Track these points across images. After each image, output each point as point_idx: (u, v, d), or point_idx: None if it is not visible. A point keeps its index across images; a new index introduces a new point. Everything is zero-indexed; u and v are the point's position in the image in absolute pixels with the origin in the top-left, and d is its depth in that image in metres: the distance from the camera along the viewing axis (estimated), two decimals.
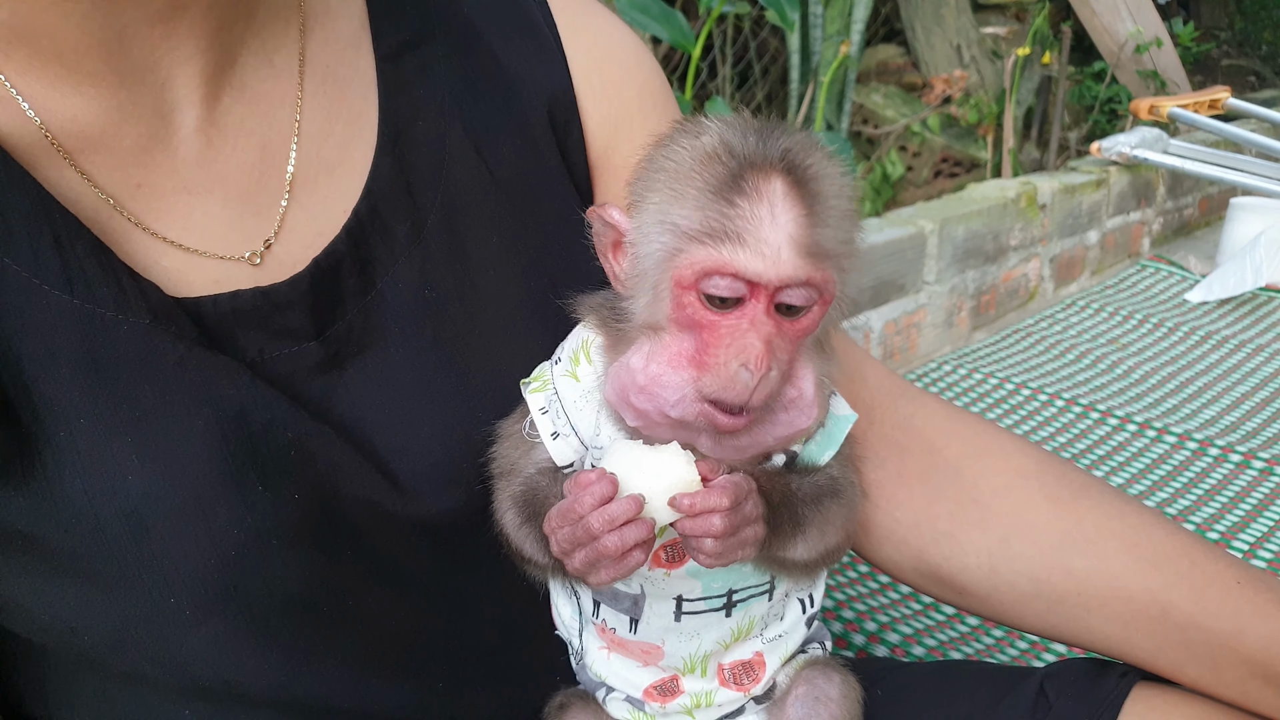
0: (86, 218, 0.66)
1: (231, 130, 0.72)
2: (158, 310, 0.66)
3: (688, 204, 0.61)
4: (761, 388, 0.60)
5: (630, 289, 0.67)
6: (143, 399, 0.65)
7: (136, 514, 0.64)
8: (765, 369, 0.60)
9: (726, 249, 0.60)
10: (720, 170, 0.61)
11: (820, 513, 0.72)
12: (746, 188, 0.60)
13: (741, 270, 0.60)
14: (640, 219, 0.65)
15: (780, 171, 0.61)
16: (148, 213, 0.69)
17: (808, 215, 0.60)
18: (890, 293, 2.65)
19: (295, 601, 0.70)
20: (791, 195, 0.60)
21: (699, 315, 0.62)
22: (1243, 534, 1.91)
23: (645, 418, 0.64)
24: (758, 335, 0.60)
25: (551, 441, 0.72)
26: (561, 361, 0.73)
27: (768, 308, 0.61)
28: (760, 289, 0.60)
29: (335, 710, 0.75)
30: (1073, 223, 3.35)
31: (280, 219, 0.73)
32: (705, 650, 0.75)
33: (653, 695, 0.77)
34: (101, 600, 0.65)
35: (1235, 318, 3.01)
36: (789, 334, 0.62)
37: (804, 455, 0.74)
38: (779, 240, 0.60)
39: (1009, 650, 1.63)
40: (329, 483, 0.70)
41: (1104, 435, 2.33)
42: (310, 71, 0.77)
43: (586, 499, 0.62)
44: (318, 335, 0.73)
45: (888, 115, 4.34)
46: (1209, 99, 3.63)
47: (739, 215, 0.60)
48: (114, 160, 0.68)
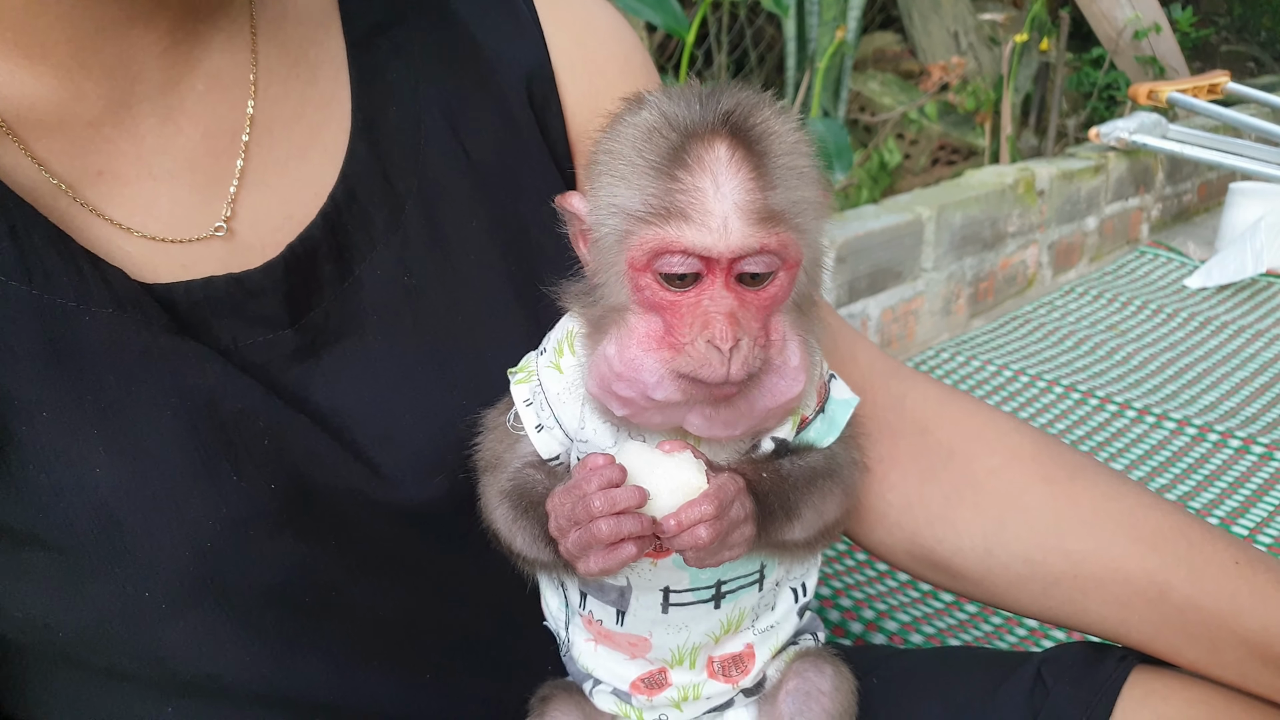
0: (44, 205, 0.64)
1: (193, 113, 0.70)
2: (122, 298, 0.65)
3: (632, 184, 0.60)
4: (737, 360, 0.58)
5: (596, 276, 0.66)
6: (108, 390, 0.63)
7: (106, 507, 0.62)
8: (732, 341, 0.58)
9: (672, 227, 0.58)
10: (661, 144, 0.59)
11: (815, 493, 0.70)
12: (688, 159, 0.58)
13: (690, 247, 0.58)
14: (594, 203, 0.64)
15: (722, 136, 0.59)
16: (110, 199, 0.68)
17: (755, 179, 0.58)
18: (888, 280, 2.63)
19: (277, 593, 0.69)
20: (736, 160, 0.58)
21: (658, 296, 0.60)
22: (1242, 519, 1.90)
23: (631, 405, 0.63)
24: (719, 310, 0.59)
25: (536, 434, 0.71)
26: (546, 352, 0.72)
27: (726, 280, 0.59)
28: (714, 263, 0.59)
29: (321, 704, 0.74)
30: (1071, 209, 3.33)
31: (233, 197, 0.72)
32: (694, 642, 0.74)
33: (639, 688, 0.76)
34: (75, 595, 0.64)
35: (1235, 303, 2.99)
36: (757, 304, 0.60)
37: (804, 441, 0.72)
38: (724, 210, 0.58)
39: (1008, 637, 1.62)
40: (307, 472, 0.69)
41: (1103, 421, 2.32)
42: (280, 55, 0.75)
43: (594, 479, 0.61)
44: (293, 323, 0.71)
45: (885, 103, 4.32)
46: (1208, 84, 3.61)
47: (681, 190, 0.58)
48: (73, 146, 0.66)
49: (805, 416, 0.72)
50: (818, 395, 0.73)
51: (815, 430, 0.72)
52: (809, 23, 3.61)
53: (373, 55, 0.79)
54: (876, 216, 2.63)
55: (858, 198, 3.66)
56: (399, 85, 0.79)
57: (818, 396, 0.73)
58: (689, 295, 0.59)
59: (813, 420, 0.72)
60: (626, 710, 0.78)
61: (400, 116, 0.78)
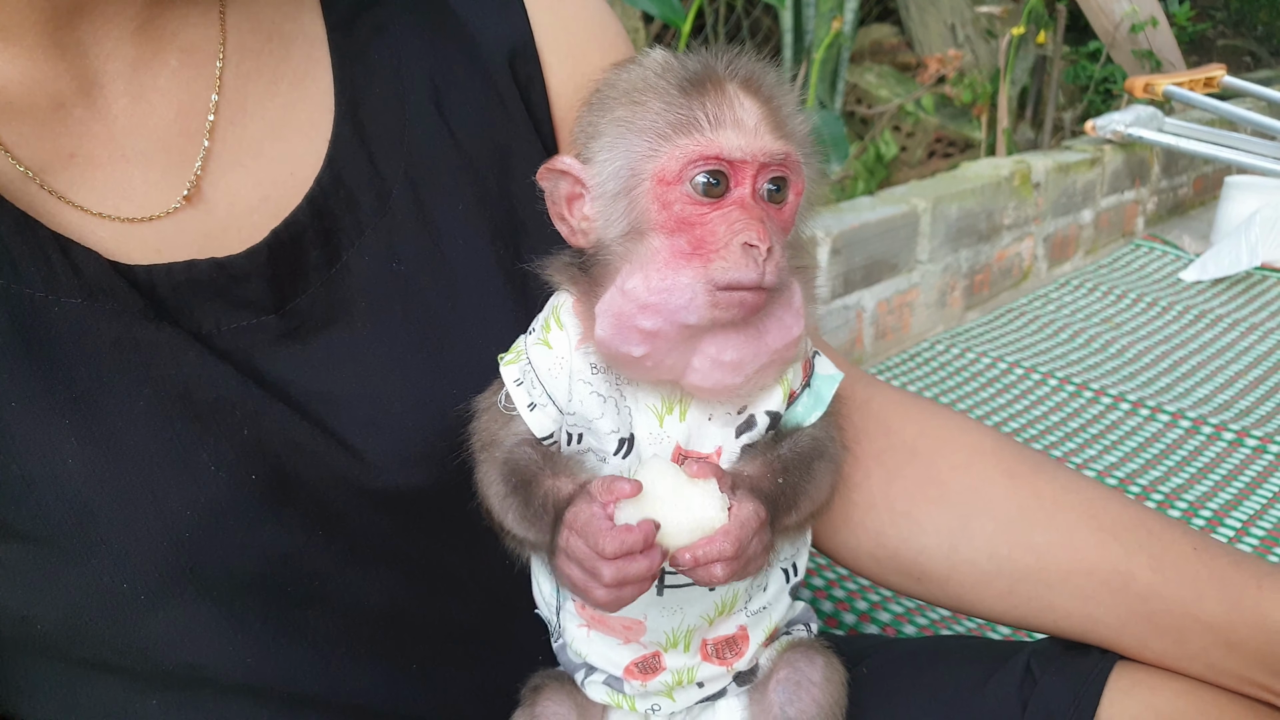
0: (11, 192, 0.63)
1: (166, 90, 0.69)
2: (93, 286, 0.64)
3: (652, 110, 0.63)
4: (771, 263, 0.60)
5: (600, 223, 0.66)
6: (79, 380, 0.62)
7: (80, 498, 0.62)
8: (769, 243, 0.60)
9: (705, 134, 0.61)
10: (677, 75, 0.63)
11: (810, 477, 0.71)
12: (708, 86, 0.62)
13: (724, 150, 0.61)
14: (598, 147, 0.65)
15: (731, 74, 0.63)
16: (82, 182, 0.67)
17: (769, 102, 0.63)
18: (883, 272, 2.63)
19: (259, 583, 0.68)
20: (749, 88, 0.63)
21: (687, 212, 0.62)
22: (1234, 512, 1.90)
23: (654, 340, 0.62)
24: (753, 216, 0.61)
25: (529, 413, 0.71)
26: (534, 332, 0.72)
27: (753, 191, 0.62)
28: (744, 170, 0.62)
29: (306, 695, 0.74)
30: (1067, 202, 3.33)
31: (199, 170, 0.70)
32: (689, 625, 0.74)
33: (633, 673, 0.76)
34: (51, 587, 0.63)
35: (1229, 297, 2.99)
36: (777, 222, 0.64)
37: (791, 417, 0.72)
38: (753, 120, 0.62)
39: (1000, 628, 1.62)
40: (288, 461, 0.68)
41: (1097, 414, 2.32)
42: (251, 29, 0.74)
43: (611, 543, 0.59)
44: (277, 308, 0.70)
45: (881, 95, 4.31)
46: (1204, 77, 3.61)
47: (708, 105, 0.62)
48: (43, 129, 0.65)
49: (793, 391, 0.72)
50: (803, 370, 0.73)
51: (802, 405, 0.73)
52: (806, 14, 3.60)
53: (354, 35, 0.78)
54: (872, 208, 2.62)
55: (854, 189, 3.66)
56: (381, 65, 0.78)
57: (803, 371, 0.73)
58: (721, 205, 0.62)
59: (799, 395, 0.72)
60: (619, 700, 0.77)
61: (384, 97, 0.77)
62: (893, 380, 2.53)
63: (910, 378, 2.54)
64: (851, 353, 2.59)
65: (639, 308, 0.62)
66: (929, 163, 4.32)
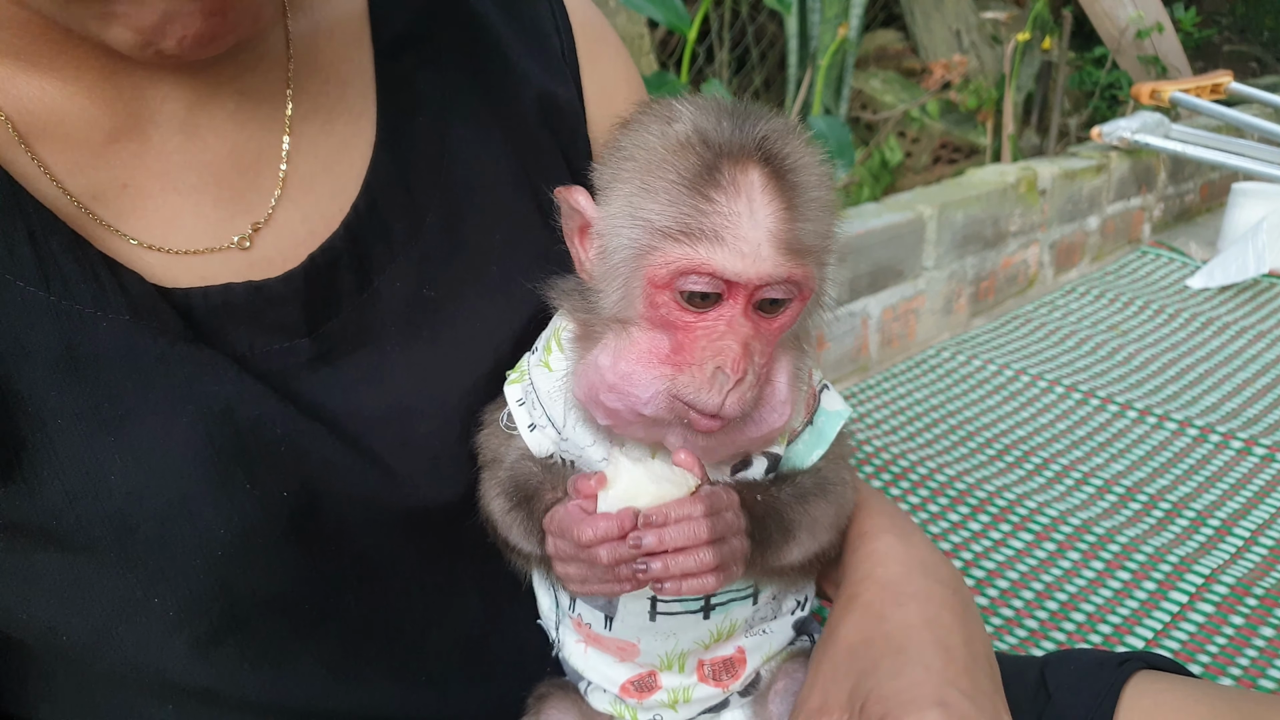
0: (63, 213, 0.64)
1: (222, 130, 0.70)
2: (139, 305, 0.64)
3: (660, 198, 0.58)
4: (734, 396, 0.57)
5: (599, 281, 0.64)
6: (124, 397, 0.63)
7: (120, 514, 0.62)
8: (742, 373, 0.57)
9: (704, 248, 0.57)
10: (694, 161, 0.58)
11: (808, 514, 0.70)
12: (723, 181, 0.57)
13: (720, 270, 0.57)
14: (609, 209, 0.62)
15: (758, 162, 0.57)
16: (133, 212, 0.67)
17: (787, 209, 0.58)
18: (888, 279, 2.62)
19: (279, 602, 0.69)
20: (770, 188, 0.57)
21: (673, 316, 0.59)
22: (1243, 521, 1.89)
23: (616, 416, 0.62)
24: (735, 338, 0.58)
25: (529, 434, 0.71)
26: (537, 351, 0.71)
27: (745, 308, 0.58)
28: (739, 288, 0.58)
29: (315, 711, 0.74)
30: (1073, 208, 3.32)
31: (270, 213, 0.71)
32: (683, 649, 0.73)
33: (629, 691, 0.75)
34: (84, 599, 0.63)
35: (1237, 304, 2.98)
36: (766, 333, 0.60)
37: (791, 457, 0.71)
38: (758, 238, 0.57)
39: (1008, 638, 1.61)
40: (321, 479, 0.69)
41: (1104, 422, 2.31)
42: (309, 71, 0.74)
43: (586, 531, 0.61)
44: (310, 332, 0.71)
45: (886, 101, 4.31)
46: (1211, 83, 3.60)
47: (716, 211, 0.57)
48: (96, 160, 0.66)
49: (796, 430, 0.71)
50: (806, 407, 0.72)
51: (803, 443, 0.71)
52: (811, 20, 3.59)
53: (400, 64, 0.79)
54: (878, 214, 2.62)
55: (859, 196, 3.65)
56: (426, 95, 0.79)
57: (806, 408, 0.72)
58: (705, 318, 0.59)
59: (800, 433, 0.71)
60: (621, 710, 0.77)
61: (426, 128, 0.78)
62: (898, 387, 2.52)
63: (916, 385, 2.53)
64: (857, 360, 2.58)
65: (605, 385, 0.61)
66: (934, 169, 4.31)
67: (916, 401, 2.45)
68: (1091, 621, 1.64)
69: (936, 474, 2.09)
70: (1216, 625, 1.62)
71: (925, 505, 1.99)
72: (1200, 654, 1.56)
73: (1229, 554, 1.80)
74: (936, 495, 2.02)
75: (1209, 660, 1.54)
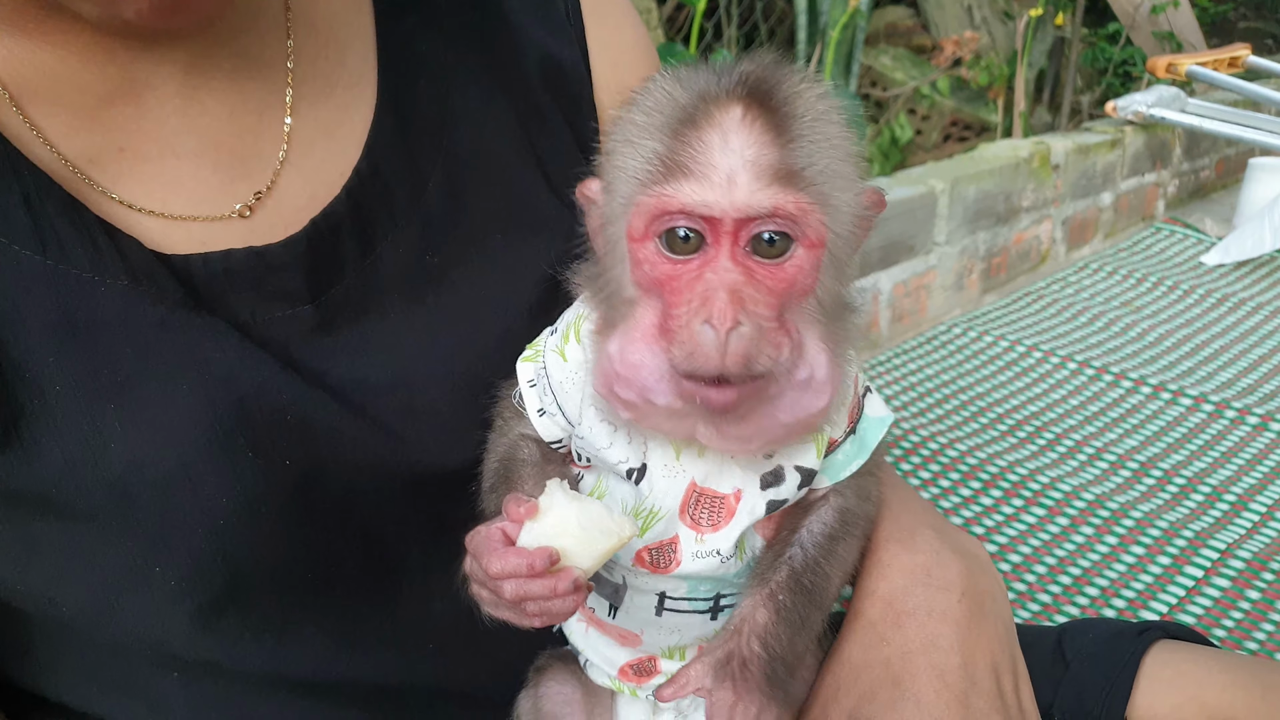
0: (58, 176, 0.63)
1: (220, 92, 0.68)
2: (137, 270, 0.63)
3: (640, 151, 0.54)
4: (735, 345, 0.51)
5: (604, 262, 0.60)
6: (124, 364, 0.61)
7: (120, 482, 0.61)
8: (731, 322, 0.50)
9: (673, 183, 0.52)
10: (671, 106, 0.54)
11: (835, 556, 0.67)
12: (699, 117, 0.53)
13: (688, 204, 0.52)
14: (604, 182, 0.59)
15: (740, 95, 0.53)
16: (131, 176, 0.66)
17: (775, 134, 0.52)
18: (899, 254, 2.59)
19: (281, 570, 0.67)
20: (751, 115, 0.52)
21: (658, 270, 0.54)
22: (1259, 496, 1.87)
23: (635, 409, 0.57)
24: (719, 281, 0.52)
25: (537, 418, 0.69)
26: (556, 333, 0.69)
27: (733, 250, 0.52)
28: (718, 225, 0.52)
29: (322, 680, 0.73)
30: (1086, 184, 3.28)
31: (274, 178, 0.70)
32: (687, 643, 0.71)
33: (628, 675, 0.73)
34: (84, 568, 0.62)
35: (1252, 280, 2.95)
36: (771, 284, 0.53)
37: (829, 466, 0.66)
38: (731, 164, 0.52)
39: (1021, 612, 1.59)
40: (326, 448, 0.67)
41: (1117, 397, 2.28)
42: (309, 33, 0.73)
43: (495, 563, 0.57)
44: (313, 299, 0.69)
45: (896, 78, 4.26)
46: (1228, 57, 3.55)
47: (687, 145, 0.52)
48: (93, 123, 0.64)
49: (834, 439, 0.66)
50: (849, 415, 0.67)
51: (843, 453, 0.67)
52: None
53: (401, 26, 0.77)
54: (889, 189, 2.58)
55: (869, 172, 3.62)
56: (427, 58, 0.77)
57: (849, 416, 0.67)
58: (690, 266, 0.53)
59: (841, 443, 0.66)
60: (619, 685, 0.75)
61: (428, 91, 0.76)
62: (910, 364, 2.49)
63: (927, 361, 2.51)
64: (867, 336, 2.55)
65: (616, 377, 0.56)
66: (944, 146, 4.27)
67: (928, 378, 2.42)
68: (1106, 596, 1.62)
69: (948, 449, 2.07)
70: (1233, 599, 1.60)
71: (936, 480, 1.97)
72: (1216, 628, 1.54)
73: (1245, 528, 1.78)
74: (948, 470, 2.00)
75: (1225, 635, 1.52)
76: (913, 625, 0.69)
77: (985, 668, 0.69)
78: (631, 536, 0.58)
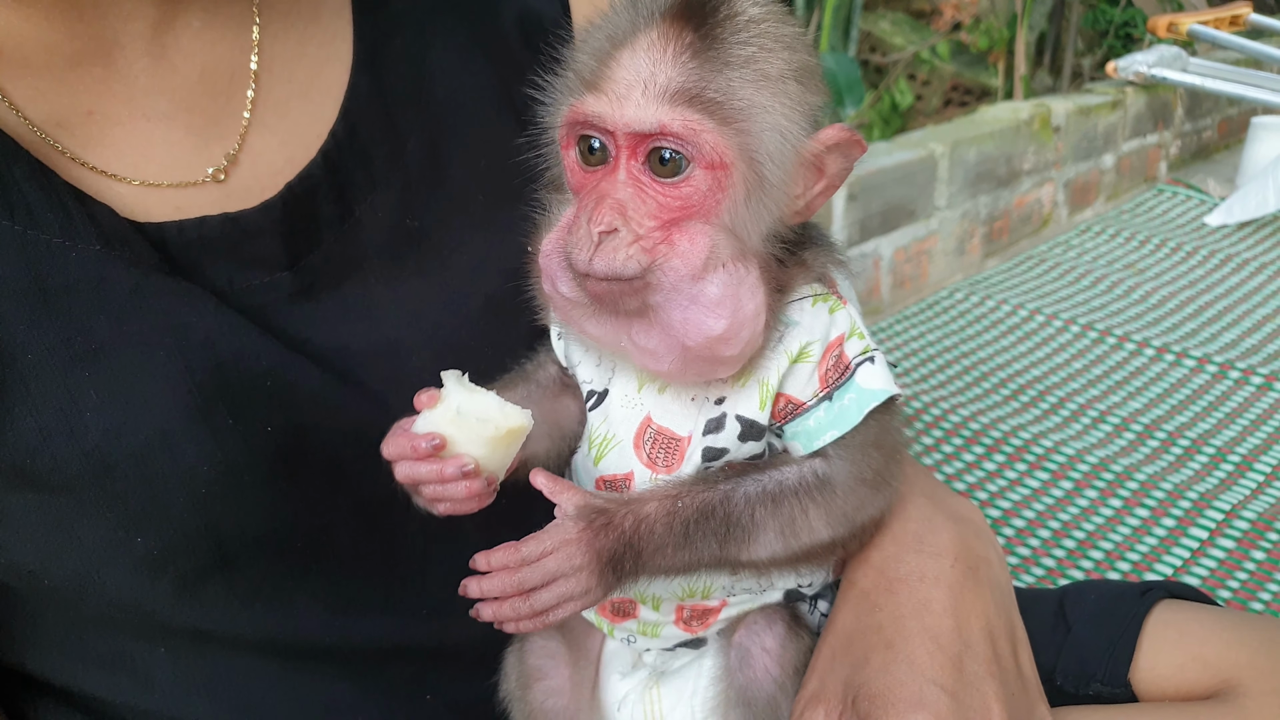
0: (24, 140, 0.61)
1: (189, 51, 0.67)
2: (110, 235, 0.61)
3: (575, 65, 0.58)
4: (603, 250, 0.54)
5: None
6: (98, 331, 0.60)
7: (98, 451, 0.60)
8: (604, 226, 0.54)
9: (585, 96, 0.56)
10: (615, 25, 0.57)
11: (780, 512, 0.63)
12: (626, 36, 0.56)
13: (589, 113, 0.55)
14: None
15: (671, 15, 0.55)
16: (101, 140, 0.64)
17: (688, 56, 0.54)
18: (900, 218, 2.57)
19: (268, 538, 0.66)
20: (669, 36, 0.54)
21: (575, 177, 0.58)
22: (1263, 457, 1.87)
23: (553, 303, 0.60)
24: (606, 188, 0.55)
25: (556, 340, 0.69)
26: None
27: (629, 164, 0.56)
28: (617, 140, 0.55)
29: (314, 647, 0.72)
30: (1087, 146, 3.25)
31: (241, 138, 0.68)
32: (655, 592, 0.70)
33: (604, 611, 0.73)
34: (65, 540, 0.61)
35: (1256, 240, 2.93)
36: (664, 202, 0.56)
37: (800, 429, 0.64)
38: (631, 80, 0.54)
39: (1025, 576, 1.59)
40: (309, 414, 0.66)
41: (1121, 359, 2.27)
42: None
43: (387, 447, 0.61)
44: (291, 265, 0.68)
45: (896, 43, 4.22)
46: (1230, 15, 3.51)
47: (606, 62, 0.56)
48: (61, 86, 0.63)
49: (801, 402, 0.63)
50: (822, 377, 0.63)
51: (816, 419, 0.63)
52: None
53: None
54: (889, 153, 2.56)
55: (869, 137, 3.59)
56: (403, 15, 0.76)
57: (821, 378, 0.63)
58: (597, 175, 0.57)
59: (812, 406, 0.63)
60: (598, 619, 0.75)
61: (405, 49, 0.75)
62: (911, 329, 2.48)
63: (929, 326, 2.50)
64: (869, 302, 2.54)
65: (540, 270, 0.60)
66: (945, 111, 4.24)
67: (930, 343, 2.41)
68: (1110, 559, 1.62)
69: (950, 414, 2.06)
70: (1238, 560, 1.60)
71: (939, 446, 1.96)
72: (1221, 589, 1.53)
73: (1249, 489, 1.77)
74: (951, 436, 1.99)
75: (1230, 595, 1.52)
76: (904, 591, 0.68)
77: (980, 631, 0.68)
78: (523, 427, 0.60)
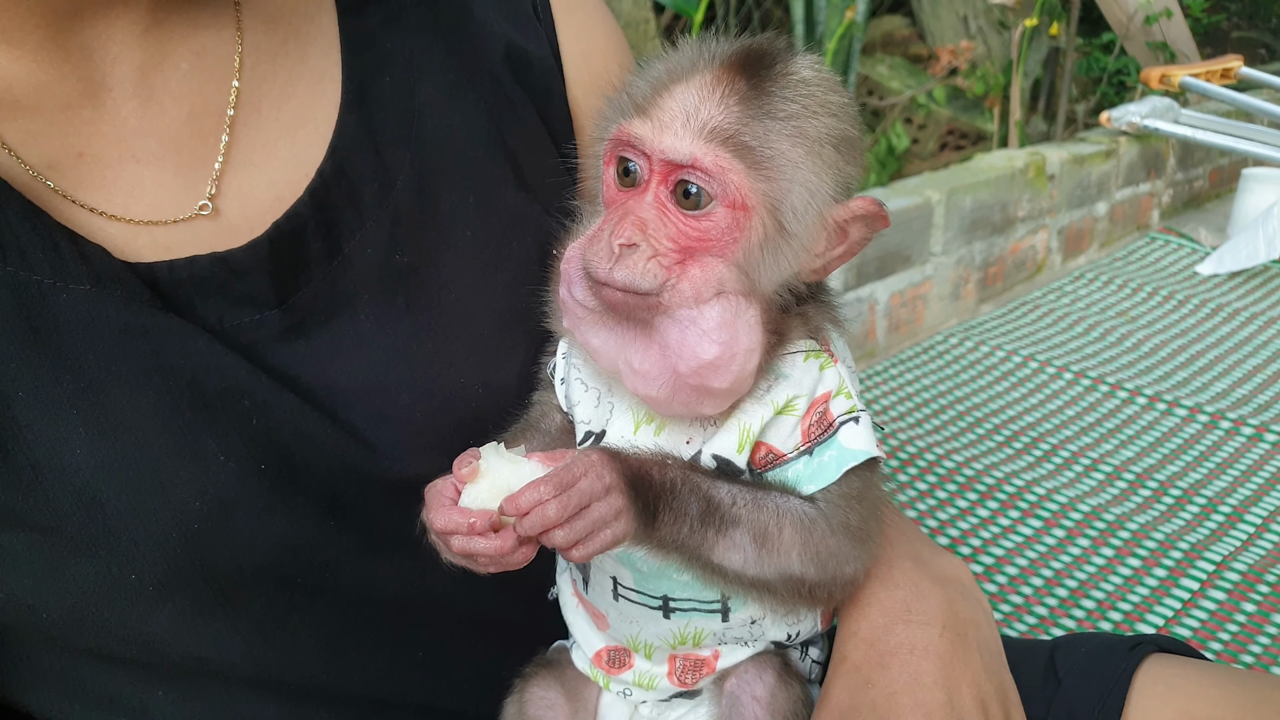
0: (18, 182, 0.62)
1: (177, 93, 0.68)
2: (102, 274, 0.62)
3: (632, 92, 0.61)
4: (624, 262, 0.57)
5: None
6: (87, 369, 0.61)
7: (89, 488, 0.60)
8: (625, 239, 0.57)
9: (631, 118, 0.59)
10: (675, 63, 0.60)
11: (760, 517, 0.63)
12: (683, 74, 0.59)
13: (631, 136, 0.59)
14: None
15: (728, 63, 0.58)
16: (91, 181, 0.65)
17: (735, 102, 0.58)
18: (896, 264, 2.60)
19: (267, 574, 0.67)
20: (723, 82, 0.58)
21: (610, 194, 0.61)
22: (1253, 508, 1.88)
23: (565, 308, 0.63)
24: (634, 207, 0.59)
25: (559, 385, 0.71)
26: None
27: (658, 190, 0.59)
28: (651, 165, 0.59)
29: (312, 687, 0.73)
30: (1081, 194, 3.29)
31: (217, 176, 0.69)
32: (646, 639, 0.71)
33: (601, 662, 0.74)
34: (58, 577, 0.62)
35: (1246, 290, 2.96)
36: (684, 231, 0.59)
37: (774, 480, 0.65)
38: (676, 112, 0.58)
39: (1017, 625, 1.60)
40: (298, 451, 0.67)
41: (1112, 408, 2.29)
42: (267, 30, 0.72)
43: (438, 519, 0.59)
44: (280, 303, 0.69)
45: (893, 87, 4.28)
46: (1221, 68, 3.57)
47: (658, 94, 0.59)
48: (51, 128, 0.64)
49: (782, 453, 0.65)
50: (804, 431, 0.65)
51: (794, 472, 0.65)
52: (817, 5, 3.56)
53: (365, 22, 0.76)
54: (885, 199, 2.59)
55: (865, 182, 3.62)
56: (392, 55, 0.76)
57: (804, 432, 0.65)
58: (628, 195, 0.60)
59: (793, 459, 0.65)
60: (594, 673, 0.76)
61: (393, 87, 0.76)
62: (905, 374, 2.50)
63: (923, 371, 2.52)
64: (864, 345, 2.56)
65: (560, 274, 0.63)
66: (940, 155, 4.28)
67: (924, 388, 2.43)
68: (1102, 609, 1.63)
69: (944, 460, 2.07)
70: (1228, 612, 1.61)
71: (933, 491, 1.97)
72: (1213, 641, 1.54)
73: (1240, 541, 1.79)
74: (944, 481, 2.00)
75: (1221, 648, 1.53)
76: (896, 664, 0.69)
77: (971, 701, 0.68)
78: None
